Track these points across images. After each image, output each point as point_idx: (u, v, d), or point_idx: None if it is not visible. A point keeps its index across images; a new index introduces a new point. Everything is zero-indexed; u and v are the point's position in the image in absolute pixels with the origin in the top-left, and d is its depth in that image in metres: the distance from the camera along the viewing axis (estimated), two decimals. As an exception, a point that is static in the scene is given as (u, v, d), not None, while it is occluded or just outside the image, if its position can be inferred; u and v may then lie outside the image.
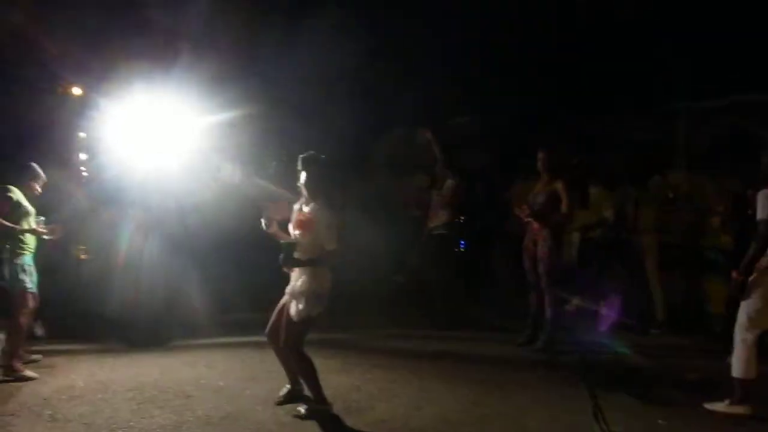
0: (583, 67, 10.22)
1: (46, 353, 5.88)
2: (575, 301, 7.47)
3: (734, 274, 4.75)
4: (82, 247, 7.19)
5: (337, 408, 4.56)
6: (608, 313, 6.60)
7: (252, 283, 7.50)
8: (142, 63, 8.24)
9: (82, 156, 7.77)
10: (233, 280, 7.48)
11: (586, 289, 7.26)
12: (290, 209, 4.73)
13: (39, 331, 6.33)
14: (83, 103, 8.61)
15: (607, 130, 9.67)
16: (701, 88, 9.32)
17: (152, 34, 8.90)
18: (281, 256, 4.42)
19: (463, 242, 8.83)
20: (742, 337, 4.68)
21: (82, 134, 7.99)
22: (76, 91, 9.62)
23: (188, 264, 7.06)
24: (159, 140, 7.15)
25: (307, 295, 4.39)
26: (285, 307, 4.55)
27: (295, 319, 4.40)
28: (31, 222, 5.41)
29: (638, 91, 9.86)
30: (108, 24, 8.96)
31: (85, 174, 7.53)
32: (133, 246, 6.80)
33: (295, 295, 4.43)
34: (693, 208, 7.35)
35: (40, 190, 5.59)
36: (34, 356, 5.64)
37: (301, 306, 4.38)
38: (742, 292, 4.71)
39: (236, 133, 8.06)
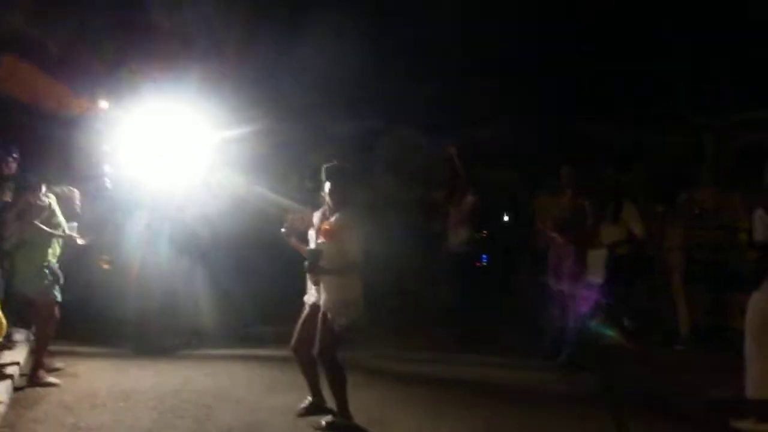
0: (609, 81, 10.18)
1: (70, 360, 5.91)
2: (599, 318, 7.38)
3: (741, 297, 4.73)
4: (105, 256, 7.25)
5: (359, 421, 4.52)
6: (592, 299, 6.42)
7: (266, 296, 7.50)
8: (155, 75, 8.35)
9: (107, 168, 7.83)
10: (247, 292, 7.48)
11: (612, 305, 7.17)
12: (309, 220, 4.76)
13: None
14: (103, 115, 8.70)
15: (632, 144, 9.60)
16: (730, 102, 9.24)
17: (166, 47, 9.01)
18: (306, 263, 4.46)
19: (485, 257, 8.79)
20: (750, 357, 4.63)
21: (106, 147, 8.07)
22: (103, 104, 9.74)
23: (200, 275, 7.11)
24: (172, 153, 7.24)
25: (339, 304, 4.42)
26: (311, 319, 4.56)
27: (328, 329, 4.41)
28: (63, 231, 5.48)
29: (665, 105, 9.80)
30: (122, 38, 9.08)
31: (108, 186, 7.58)
32: (144, 256, 6.86)
33: (327, 305, 4.43)
34: (720, 223, 7.24)
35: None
36: (57, 364, 5.67)
37: (334, 316, 4.39)
38: None
39: (249, 146, 8.11)
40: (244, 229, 7.61)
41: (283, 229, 4.75)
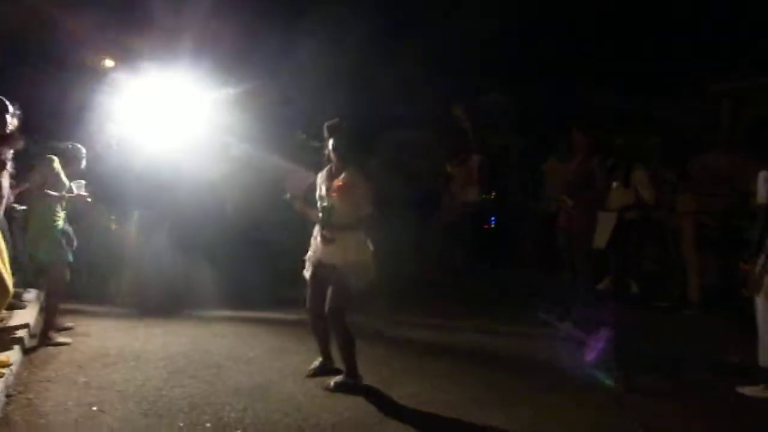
0: (622, 44, 10.00)
1: (79, 319, 5.96)
2: (607, 281, 7.38)
3: (742, 265, 4.66)
4: (112, 216, 7.24)
5: (367, 381, 4.56)
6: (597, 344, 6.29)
7: (271, 260, 7.48)
8: (153, 39, 8.24)
9: (113, 127, 7.77)
10: (251, 256, 7.47)
11: (619, 268, 7.14)
12: (310, 182, 4.72)
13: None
14: (102, 77, 8.59)
15: (646, 109, 9.46)
16: (744, 66, 9.05)
17: (163, 11, 8.87)
18: (320, 219, 4.49)
19: (493, 218, 8.74)
20: (764, 326, 4.59)
21: (112, 106, 7.99)
22: (108, 62, 9.64)
23: (202, 238, 7.10)
24: (171, 117, 7.16)
25: (357, 266, 4.43)
26: (320, 280, 4.56)
27: (342, 290, 4.42)
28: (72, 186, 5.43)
29: (680, 71, 9.63)
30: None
31: (114, 144, 7.52)
32: (146, 217, 6.84)
33: (344, 268, 4.43)
34: (733, 189, 7.12)
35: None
36: (68, 324, 5.70)
37: (352, 278, 4.41)
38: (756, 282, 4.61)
39: (248, 109, 8.03)
40: (249, 194, 7.57)
41: (288, 195, 4.70)
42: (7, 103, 4.50)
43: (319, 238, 4.59)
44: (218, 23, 9.04)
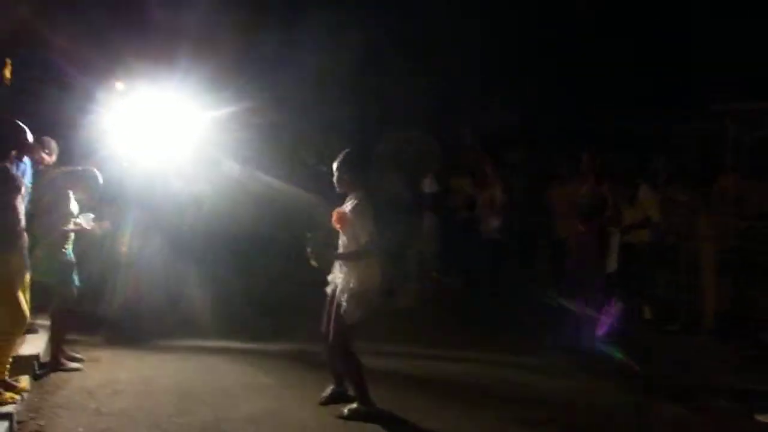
0: (628, 65, 10.04)
1: (90, 347, 5.86)
2: (618, 305, 7.30)
3: None
4: (123, 238, 7.16)
5: (382, 407, 4.50)
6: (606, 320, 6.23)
7: (270, 287, 7.40)
8: (146, 58, 8.26)
9: (122, 148, 7.75)
10: (252, 284, 7.39)
11: (629, 293, 7.07)
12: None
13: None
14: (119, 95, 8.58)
15: (651, 130, 9.47)
16: (749, 88, 9.07)
17: (156, 28, 8.91)
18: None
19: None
20: None
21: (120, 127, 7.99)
22: (118, 85, 9.68)
23: (191, 262, 7.02)
24: (162, 135, 7.12)
25: (352, 294, 4.36)
26: (334, 303, 4.52)
27: (342, 318, 4.38)
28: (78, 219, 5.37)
29: (684, 92, 9.66)
30: (113, 20, 9.00)
31: (125, 165, 7.47)
32: (135, 242, 6.75)
33: (342, 296, 4.39)
34: (744, 212, 7.07)
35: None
36: (77, 355, 5.59)
37: (347, 305, 4.36)
38: None
39: (243, 129, 8.01)
40: (235, 213, 7.49)
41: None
42: (24, 126, 4.47)
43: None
44: (217, 37, 9.10)
